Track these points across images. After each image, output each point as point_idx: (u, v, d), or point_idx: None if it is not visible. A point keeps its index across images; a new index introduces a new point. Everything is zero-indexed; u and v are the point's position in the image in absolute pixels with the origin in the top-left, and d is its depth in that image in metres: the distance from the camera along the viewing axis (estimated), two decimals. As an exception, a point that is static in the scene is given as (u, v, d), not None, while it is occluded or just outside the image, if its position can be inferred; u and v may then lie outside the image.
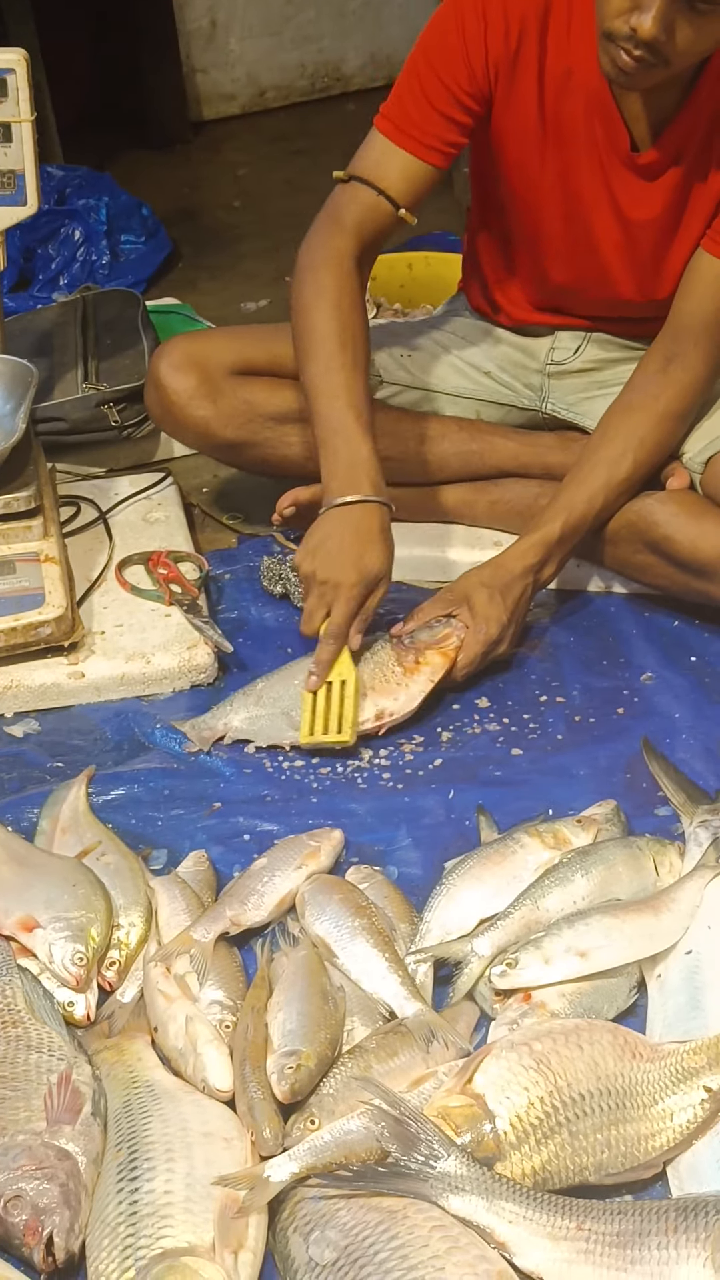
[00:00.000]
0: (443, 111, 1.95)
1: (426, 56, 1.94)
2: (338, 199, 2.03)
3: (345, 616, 1.89)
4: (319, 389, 1.95)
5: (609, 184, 1.98)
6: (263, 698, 1.98)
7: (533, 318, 2.23)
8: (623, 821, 1.77)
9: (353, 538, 1.88)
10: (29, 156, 2.20)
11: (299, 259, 2.05)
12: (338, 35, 4.51)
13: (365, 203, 2.00)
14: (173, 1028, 1.48)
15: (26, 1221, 1.28)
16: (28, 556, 2.10)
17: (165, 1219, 1.26)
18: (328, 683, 1.91)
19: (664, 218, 1.98)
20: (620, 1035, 1.42)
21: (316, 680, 1.91)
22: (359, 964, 1.55)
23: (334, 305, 1.98)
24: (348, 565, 1.88)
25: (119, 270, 3.36)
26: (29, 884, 1.66)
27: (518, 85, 1.93)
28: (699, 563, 2.02)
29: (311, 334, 1.98)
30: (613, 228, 2.02)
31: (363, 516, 1.89)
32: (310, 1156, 1.30)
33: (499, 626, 1.98)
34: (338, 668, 1.92)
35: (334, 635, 1.90)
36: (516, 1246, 1.24)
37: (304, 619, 1.94)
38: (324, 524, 1.90)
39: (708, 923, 1.56)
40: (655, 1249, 1.22)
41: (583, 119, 1.93)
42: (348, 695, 1.91)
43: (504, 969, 1.51)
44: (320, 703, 1.91)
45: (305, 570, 1.91)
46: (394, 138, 1.97)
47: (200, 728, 1.98)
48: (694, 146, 1.92)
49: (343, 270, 2.00)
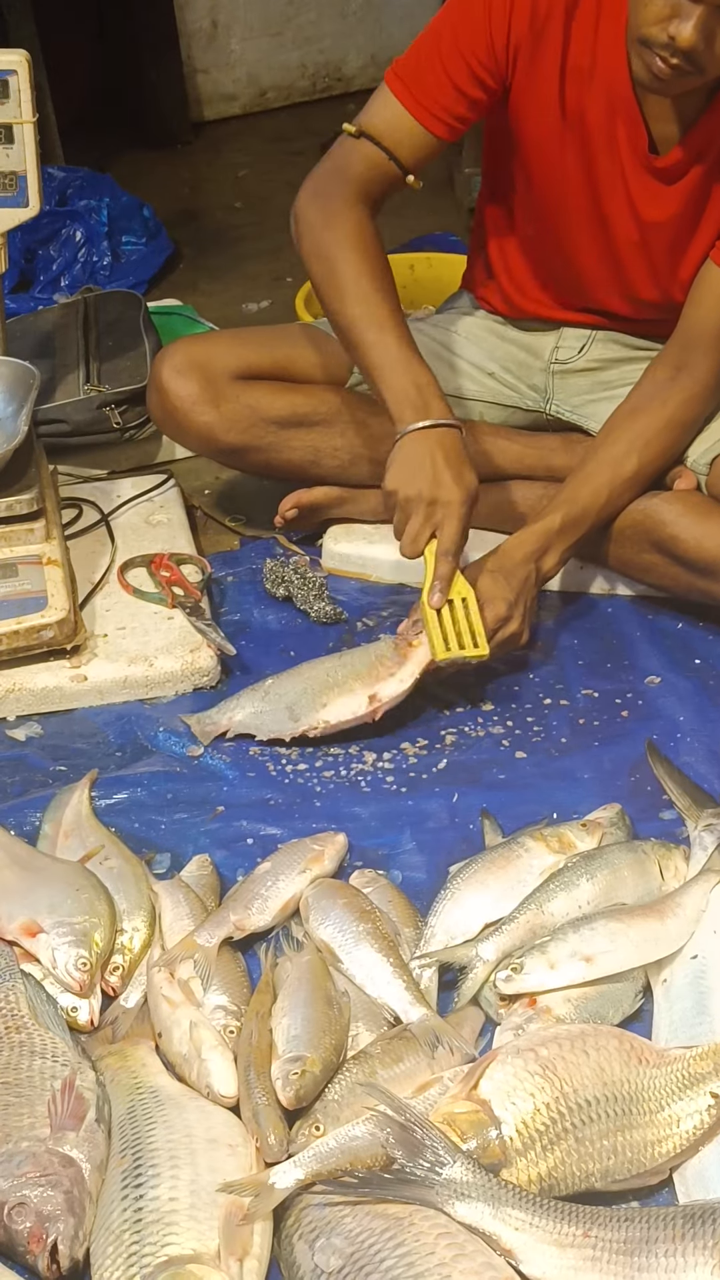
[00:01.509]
0: (458, 85, 1.94)
1: (450, 25, 1.94)
2: (347, 152, 2.03)
3: (459, 533, 1.90)
4: (363, 322, 1.95)
5: (626, 183, 1.97)
6: (269, 694, 1.99)
7: (541, 310, 2.22)
8: (627, 825, 1.77)
9: (444, 458, 1.89)
10: (31, 158, 2.19)
11: (303, 207, 2.04)
12: (339, 36, 4.50)
13: (373, 161, 2.01)
14: (177, 1033, 1.48)
15: (31, 1228, 1.27)
16: (30, 559, 2.10)
17: (170, 1226, 1.26)
18: (449, 601, 1.90)
19: (679, 221, 1.98)
20: (626, 1040, 1.42)
21: (440, 597, 1.89)
22: (363, 969, 1.55)
23: (359, 245, 1.98)
24: (452, 483, 1.88)
25: (120, 271, 3.35)
26: (32, 888, 1.66)
27: (538, 71, 1.92)
28: (704, 563, 2.02)
29: (343, 273, 1.98)
30: (630, 226, 2.02)
31: (446, 437, 1.90)
32: (315, 1163, 1.30)
33: (506, 605, 1.97)
34: (456, 585, 1.91)
35: (451, 551, 1.90)
36: (523, 1253, 1.24)
37: (408, 540, 1.91)
38: (411, 448, 1.90)
39: (713, 927, 1.56)
40: (662, 1256, 1.22)
41: (604, 117, 1.93)
42: (471, 610, 1.91)
43: (509, 974, 1.51)
44: (446, 621, 1.90)
45: (407, 493, 1.89)
46: (406, 102, 1.97)
47: (204, 722, 1.98)
48: (714, 152, 1.92)
49: (360, 214, 2.01)
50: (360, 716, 1.94)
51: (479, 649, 1.89)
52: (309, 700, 1.96)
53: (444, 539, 1.90)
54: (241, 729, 1.97)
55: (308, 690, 1.97)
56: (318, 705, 1.95)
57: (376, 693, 1.94)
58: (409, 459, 1.90)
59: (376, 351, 1.94)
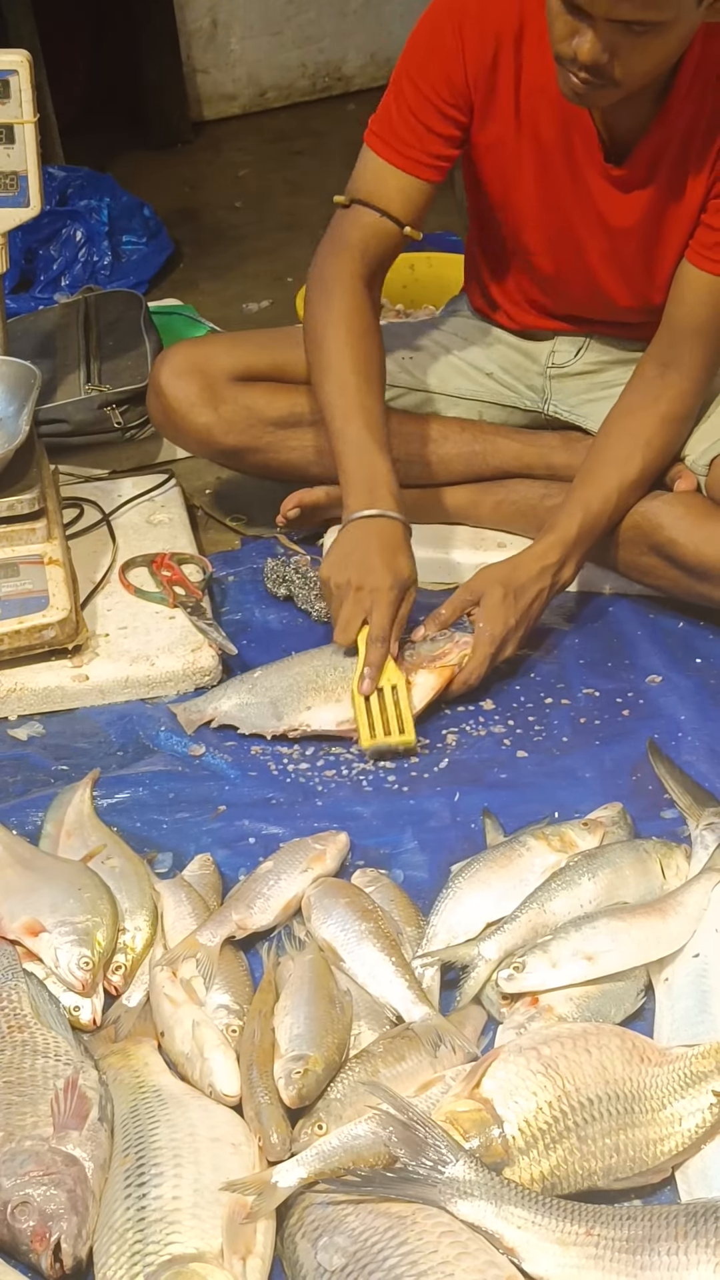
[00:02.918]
0: (429, 126, 1.97)
1: (409, 73, 1.97)
2: (341, 224, 2.06)
3: (387, 619, 1.91)
4: (335, 409, 1.99)
5: (591, 193, 1.98)
6: (255, 686, 1.99)
7: (532, 322, 2.23)
8: (629, 824, 1.77)
9: (380, 546, 1.91)
10: (32, 158, 2.20)
11: (309, 286, 2.08)
12: (338, 35, 4.50)
13: (368, 225, 2.03)
14: (179, 1032, 1.48)
15: (34, 1227, 1.27)
16: (31, 559, 2.10)
17: (173, 1225, 1.26)
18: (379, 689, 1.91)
19: (644, 227, 1.99)
20: (628, 1039, 1.42)
21: (370, 684, 1.90)
22: (366, 968, 1.55)
23: (346, 329, 2.01)
24: (382, 570, 1.90)
25: (121, 271, 3.35)
26: (34, 888, 1.66)
27: (495, 99, 1.95)
28: (703, 567, 2.02)
29: (326, 358, 2.02)
30: (599, 236, 2.03)
31: (385, 527, 1.92)
32: (318, 1161, 1.30)
33: (505, 628, 1.97)
34: (386, 672, 1.92)
35: (379, 639, 1.91)
36: (525, 1252, 1.24)
37: (339, 628, 1.93)
38: (348, 536, 1.93)
39: (715, 926, 1.56)
40: (665, 1254, 1.22)
41: (559, 132, 1.95)
42: (401, 698, 1.91)
43: (511, 973, 1.51)
44: (375, 707, 1.91)
45: (338, 580, 1.92)
46: (386, 156, 2.00)
47: (190, 710, 2.00)
48: (668, 160, 1.93)
49: (354, 293, 2.03)
50: (343, 728, 1.94)
51: (404, 736, 1.90)
52: (294, 699, 1.96)
53: (373, 625, 1.91)
54: (226, 720, 1.98)
55: (294, 688, 1.97)
56: (302, 707, 1.95)
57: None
58: (344, 546, 1.93)
59: (341, 439, 1.97)
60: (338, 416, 1.98)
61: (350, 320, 2.02)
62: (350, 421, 1.97)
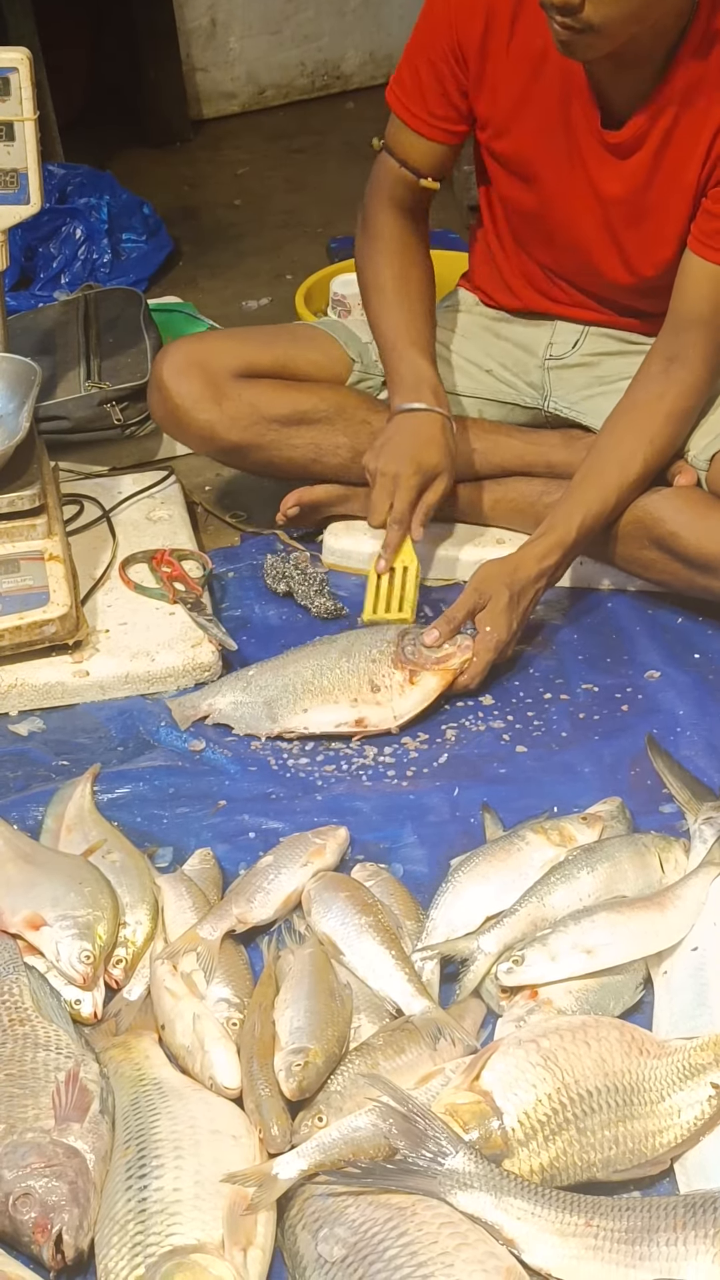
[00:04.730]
0: (441, 93, 2.05)
1: (419, 42, 2.05)
2: (376, 166, 2.20)
3: (406, 504, 2.05)
4: (381, 324, 2.18)
5: (585, 161, 1.99)
6: (251, 684, 2.00)
7: (532, 300, 2.24)
8: (628, 819, 1.77)
9: (412, 438, 2.06)
10: (32, 155, 2.20)
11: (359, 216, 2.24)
12: (337, 34, 4.50)
13: (394, 170, 2.16)
14: (180, 1025, 1.49)
15: (36, 1219, 1.28)
16: (32, 555, 2.10)
17: (174, 1216, 1.26)
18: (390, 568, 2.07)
19: (637, 195, 1.99)
20: (627, 1032, 1.43)
21: (385, 564, 2.07)
22: (366, 961, 1.55)
23: (390, 250, 2.18)
24: (406, 459, 2.05)
25: (120, 269, 3.35)
26: (35, 882, 1.66)
27: (492, 66, 1.98)
28: (704, 559, 2.02)
29: (372, 277, 2.20)
30: (592, 205, 2.03)
31: (424, 421, 2.08)
32: (318, 1153, 1.31)
33: (509, 633, 1.99)
34: (401, 554, 2.06)
35: (398, 521, 2.06)
36: (525, 1243, 1.25)
37: (371, 510, 2.08)
38: (389, 428, 2.09)
39: (713, 919, 1.57)
40: (663, 1245, 1.23)
41: (558, 97, 1.96)
42: (409, 580, 2.07)
43: (510, 966, 1.52)
44: (384, 585, 2.07)
45: (371, 466, 2.08)
46: (402, 115, 2.10)
47: (185, 705, 2.00)
48: (664, 130, 1.92)
49: (391, 220, 2.18)
50: (340, 730, 1.95)
51: (403, 614, 2.04)
52: (290, 701, 1.96)
53: (395, 509, 2.05)
54: (220, 718, 1.98)
55: (290, 688, 1.97)
56: (298, 709, 1.96)
57: (365, 718, 1.95)
58: (385, 437, 2.09)
59: (388, 347, 2.16)
60: (386, 330, 2.16)
61: (393, 242, 2.18)
62: (398, 335, 2.14)
